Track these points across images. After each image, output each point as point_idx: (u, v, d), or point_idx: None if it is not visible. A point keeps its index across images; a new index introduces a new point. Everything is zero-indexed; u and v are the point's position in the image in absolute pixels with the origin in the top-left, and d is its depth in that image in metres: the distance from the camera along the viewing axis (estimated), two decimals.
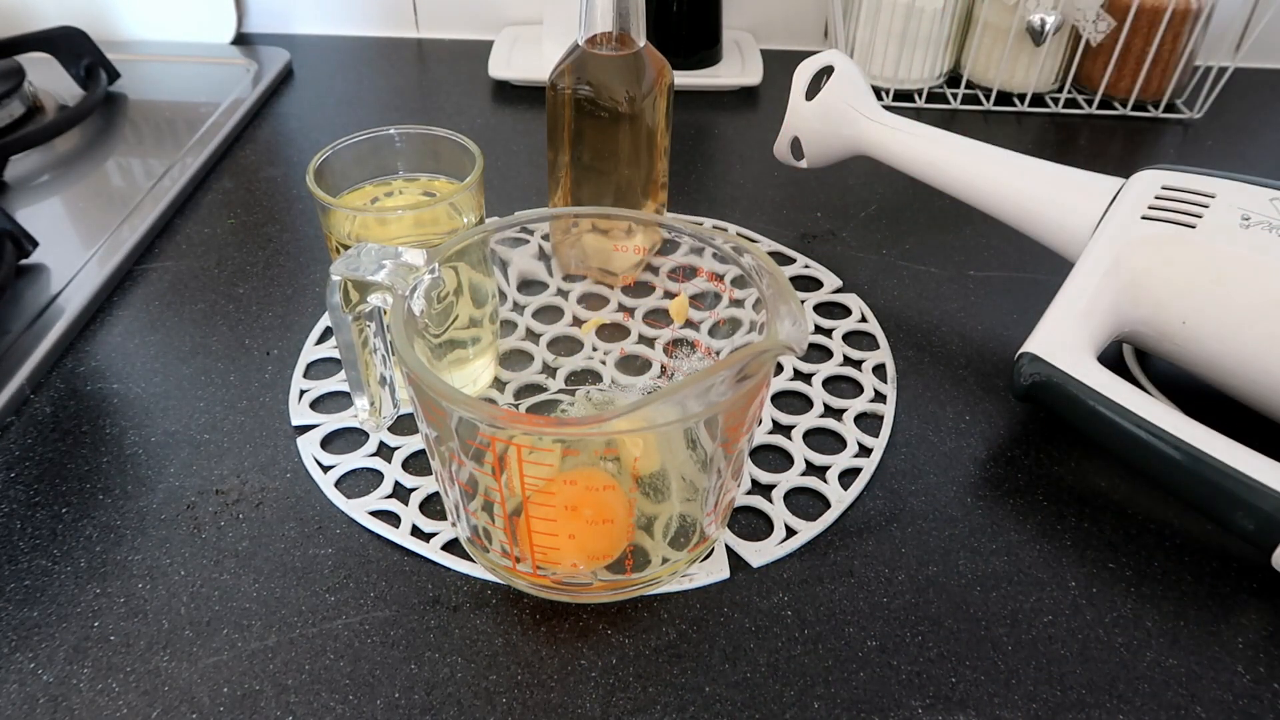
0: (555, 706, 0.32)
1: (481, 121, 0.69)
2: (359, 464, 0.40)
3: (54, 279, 0.50)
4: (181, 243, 0.55)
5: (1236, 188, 0.40)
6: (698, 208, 0.59)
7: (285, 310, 0.49)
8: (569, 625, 0.35)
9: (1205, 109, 0.69)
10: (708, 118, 0.70)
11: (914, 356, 0.47)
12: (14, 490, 0.39)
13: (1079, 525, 0.39)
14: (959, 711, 0.32)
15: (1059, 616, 0.35)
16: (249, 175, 0.61)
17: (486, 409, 0.30)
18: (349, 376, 0.37)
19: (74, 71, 0.68)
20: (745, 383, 0.30)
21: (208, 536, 0.37)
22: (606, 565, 0.34)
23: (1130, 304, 0.41)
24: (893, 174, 0.52)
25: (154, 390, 0.44)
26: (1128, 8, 0.65)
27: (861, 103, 0.52)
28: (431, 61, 0.78)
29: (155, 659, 0.33)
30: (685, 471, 0.35)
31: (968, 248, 0.55)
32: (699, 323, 0.39)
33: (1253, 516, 0.34)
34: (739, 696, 0.32)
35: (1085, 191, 0.44)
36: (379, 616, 0.35)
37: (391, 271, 0.33)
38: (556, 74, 0.45)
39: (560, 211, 0.38)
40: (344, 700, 0.32)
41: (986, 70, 0.71)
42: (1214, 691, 0.33)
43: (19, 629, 0.34)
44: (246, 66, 0.73)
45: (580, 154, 0.46)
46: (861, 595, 0.36)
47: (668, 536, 0.35)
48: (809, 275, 0.52)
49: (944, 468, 0.41)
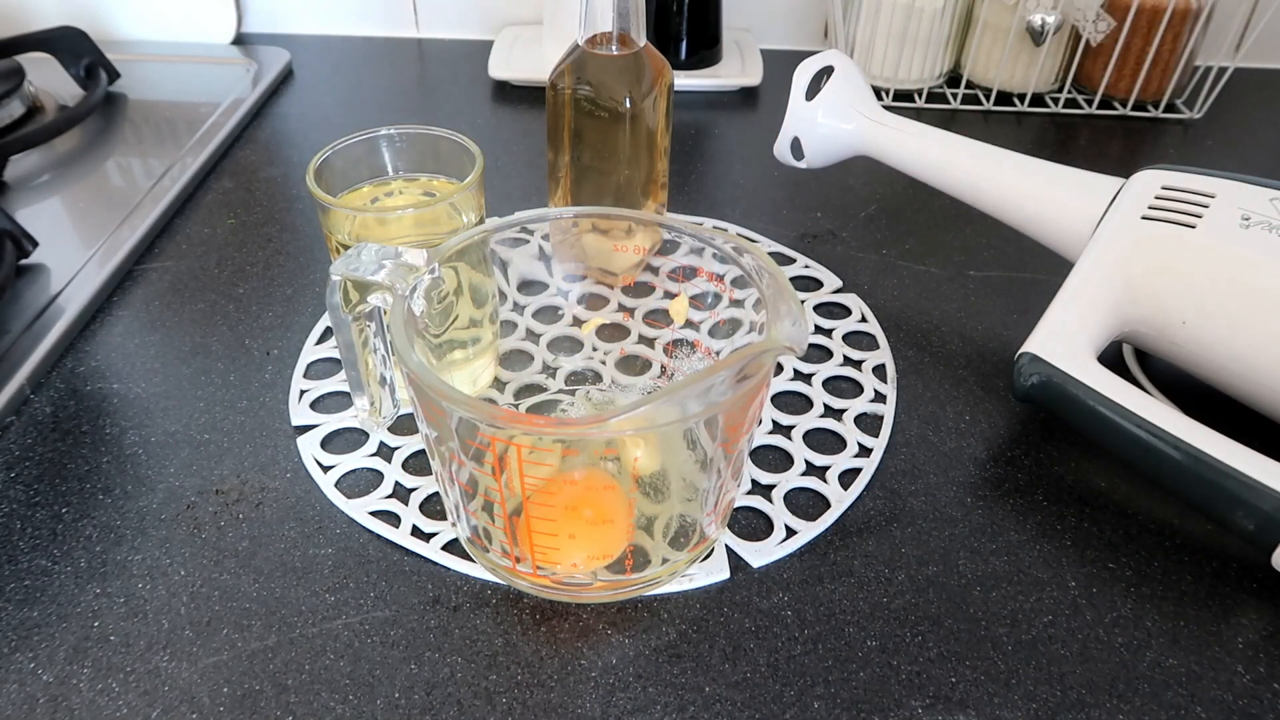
0: (555, 706, 0.32)
1: (481, 121, 0.69)
2: (359, 464, 0.40)
3: (54, 279, 0.50)
4: (181, 243, 0.55)
5: (1236, 188, 0.40)
6: (698, 208, 0.59)
7: (285, 310, 0.49)
8: (569, 625, 0.35)
9: (1205, 109, 0.69)
10: (708, 118, 0.70)
11: (914, 356, 0.47)
12: (14, 490, 0.39)
13: (1079, 525, 0.39)
14: (959, 711, 0.32)
15: (1059, 616, 0.35)
16: (249, 175, 0.61)
17: (486, 409, 0.30)
18: (349, 376, 0.37)
19: (74, 71, 0.68)
20: (745, 383, 0.30)
21: (208, 536, 0.37)
22: (606, 565, 0.34)
23: (1130, 304, 0.41)
24: (893, 174, 0.52)
25: (154, 390, 0.44)
26: (1128, 8, 0.65)
27: (861, 103, 0.52)
28: (431, 61, 0.78)
29: (155, 659, 0.33)
30: (685, 471, 0.35)
31: (968, 248, 0.55)
32: (699, 323, 0.39)
33: (1253, 516, 0.34)
34: (739, 696, 0.32)
35: (1085, 191, 0.44)
36: (379, 616, 0.35)
37: (391, 271, 0.33)
38: (556, 74, 0.45)
39: (560, 211, 0.38)
40: (344, 700, 0.32)
41: (986, 70, 0.71)
42: (1214, 691, 0.33)
43: (19, 629, 0.34)
44: (246, 66, 0.73)
45: (580, 154, 0.46)
46: (861, 595, 0.36)
47: (668, 536, 0.35)
48: (809, 275, 0.52)
49: (944, 468, 0.41)
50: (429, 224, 0.40)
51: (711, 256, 0.36)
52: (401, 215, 0.40)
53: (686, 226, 0.37)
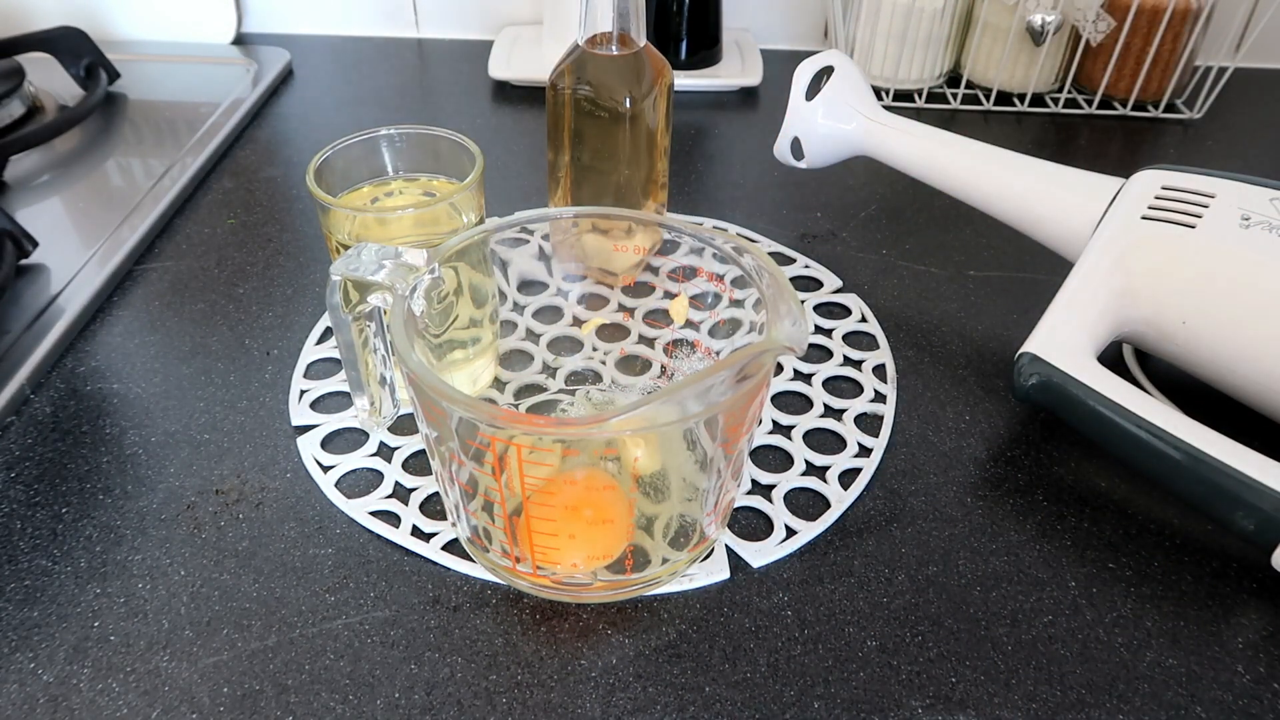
0: (555, 706, 0.32)
1: (481, 121, 0.69)
2: (359, 464, 0.40)
3: (54, 279, 0.50)
4: (181, 243, 0.55)
5: (1236, 188, 0.40)
6: (698, 208, 0.59)
7: (285, 310, 0.49)
8: (569, 625, 0.35)
9: (1205, 109, 0.69)
10: (708, 118, 0.70)
11: (914, 356, 0.47)
12: (14, 490, 0.39)
13: (1079, 525, 0.39)
14: (959, 711, 0.32)
15: (1059, 616, 0.35)
16: (249, 175, 0.61)
17: (486, 409, 0.30)
18: (349, 376, 0.37)
19: (74, 71, 0.68)
20: (745, 383, 0.30)
21: (208, 536, 0.37)
22: (606, 565, 0.34)
23: (1130, 304, 0.41)
24: (893, 174, 0.52)
25: (154, 390, 0.44)
26: (1128, 8, 0.65)
27: (861, 103, 0.52)
28: (431, 61, 0.78)
29: (155, 659, 0.33)
30: (685, 471, 0.35)
31: (968, 248, 0.55)
32: (699, 323, 0.39)
33: (1253, 516, 0.34)
34: (739, 696, 0.32)
35: (1085, 191, 0.44)
36: (379, 616, 0.35)
37: (391, 271, 0.33)
38: (556, 74, 0.45)
39: (560, 211, 0.38)
40: (344, 700, 0.32)
41: (986, 70, 0.71)
42: (1214, 691, 0.33)
43: (19, 629, 0.34)
44: (246, 66, 0.73)
45: (580, 154, 0.46)
46: (861, 595, 0.36)
47: (668, 537, 0.35)
48: (809, 275, 0.52)
49: (944, 468, 0.41)
50: (429, 224, 0.40)
51: (711, 256, 0.36)
52: (401, 215, 0.40)
53: (686, 226, 0.37)
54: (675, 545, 0.35)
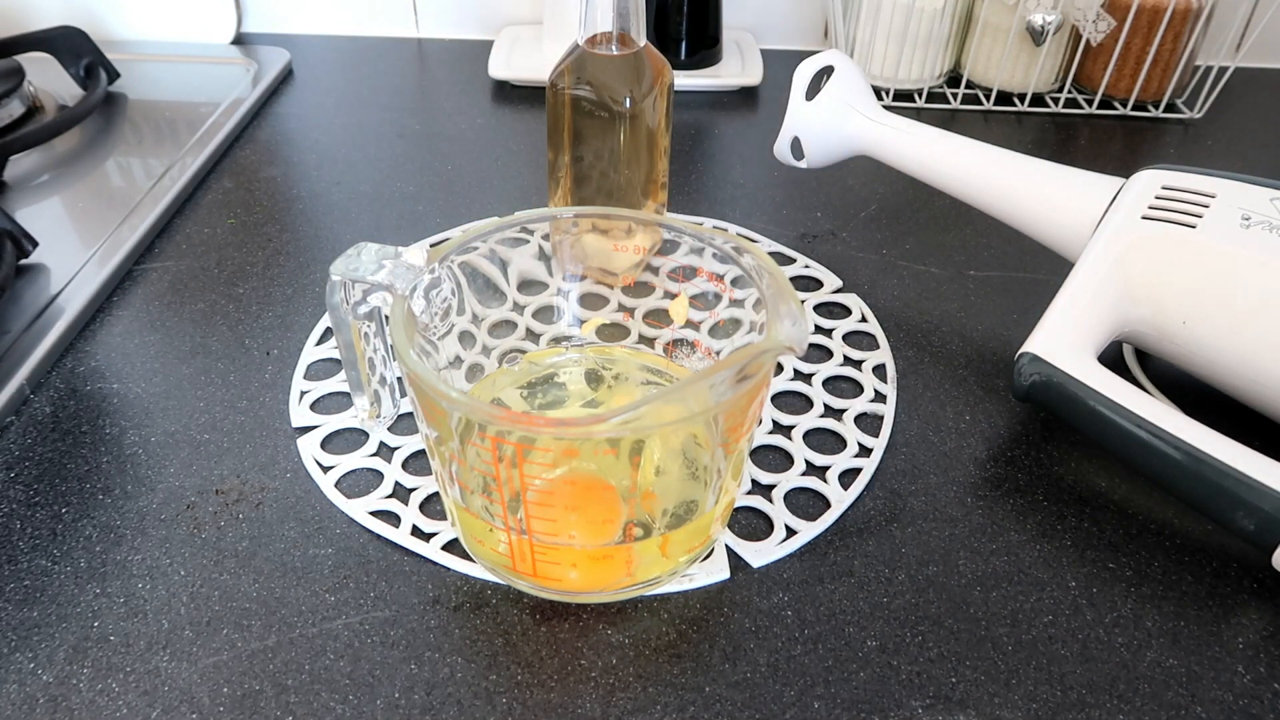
0: (555, 706, 0.32)
1: (481, 121, 0.69)
2: (359, 464, 0.40)
3: (54, 279, 0.50)
4: (181, 243, 0.55)
5: (1236, 188, 0.40)
6: (698, 208, 0.59)
7: (285, 310, 0.49)
8: (569, 625, 0.35)
9: (1205, 109, 0.69)
10: (708, 118, 0.70)
11: (914, 356, 0.47)
12: (14, 490, 0.39)
13: (1079, 525, 0.39)
14: (959, 711, 0.32)
15: (1059, 616, 0.35)
16: (249, 175, 0.61)
17: (486, 409, 0.30)
18: (349, 376, 0.37)
19: (74, 71, 0.68)
20: (745, 383, 0.30)
21: (208, 536, 0.37)
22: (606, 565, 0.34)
23: (1130, 304, 0.41)
24: (893, 174, 0.52)
25: (154, 390, 0.44)
26: (1128, 8, 0.65)
27: (861, 103, 0.52)
28: (431, 61, 0.78)
29: (155, 659, 0.33)
30: (685, 471, 0.35)
31: (968, 248, 0.55)
32: (699, 323, 0.39)
33: (1253, 516, 0.34)
34: (739, 696, 0.32)
35: (1085, 191, 0.44)
36: (379, 616, 0.35)
37: (391, 271, 0.33)
38: (556, 74, 0.45)
39: (560, 211, 0.38)
40: (344, 700, 0.32)
41: (986, 70, 0.71)
42: (1214, 691, 0.33)
43: (19, 629, 0.34)
44: (246, 66, 0.73)
45: (580, 154, 0.46)
46: (861, 595, 0.36)
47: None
48: (809, 275, 0.52)
49: (944, 468, 0.41)
50: None
51: (711, 256, 0.36)
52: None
53: (686, 226, 0.37)
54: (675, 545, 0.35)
